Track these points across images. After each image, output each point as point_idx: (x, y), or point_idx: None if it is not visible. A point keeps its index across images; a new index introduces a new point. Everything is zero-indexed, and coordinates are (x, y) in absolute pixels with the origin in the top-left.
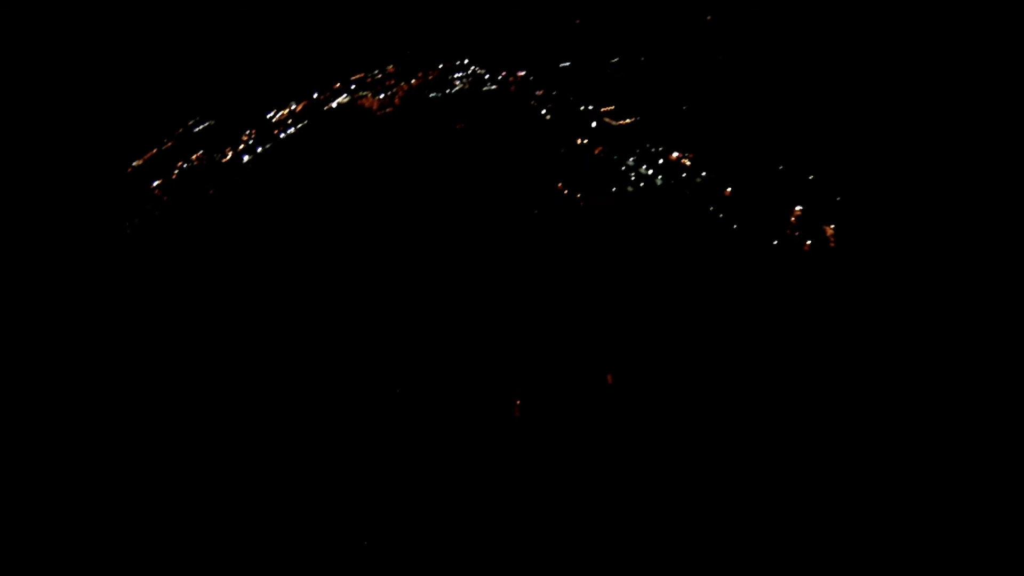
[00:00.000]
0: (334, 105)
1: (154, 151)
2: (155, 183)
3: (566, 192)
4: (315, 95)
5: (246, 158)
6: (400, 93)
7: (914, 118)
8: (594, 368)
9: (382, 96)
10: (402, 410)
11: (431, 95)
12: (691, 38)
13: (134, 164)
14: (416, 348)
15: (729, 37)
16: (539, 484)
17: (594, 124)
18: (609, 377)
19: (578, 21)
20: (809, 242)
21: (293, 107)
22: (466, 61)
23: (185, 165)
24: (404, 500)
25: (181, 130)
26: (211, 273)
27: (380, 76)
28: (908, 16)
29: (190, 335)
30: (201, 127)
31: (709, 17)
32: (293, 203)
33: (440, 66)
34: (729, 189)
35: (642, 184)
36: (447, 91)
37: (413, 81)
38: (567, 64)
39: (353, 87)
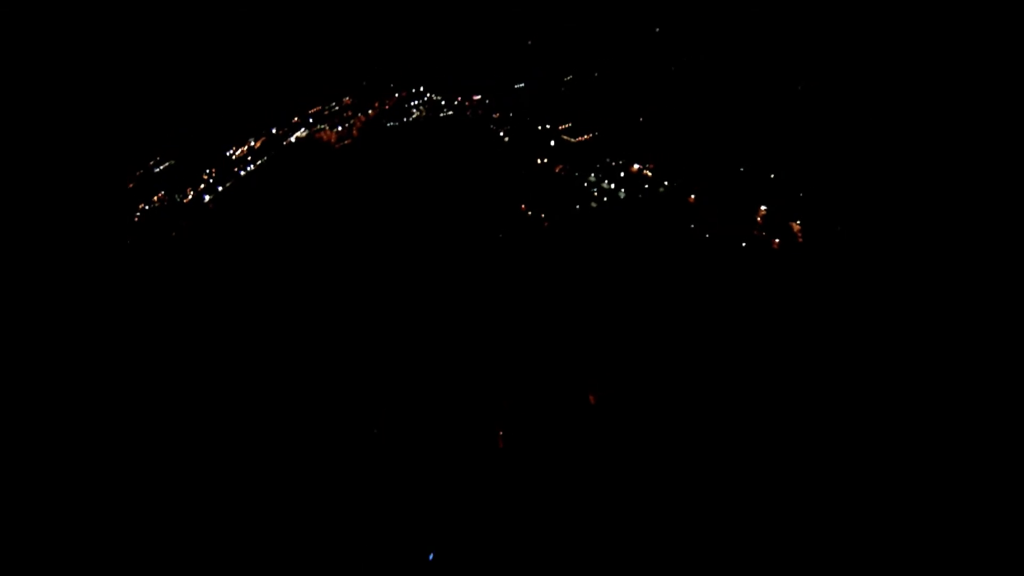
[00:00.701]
0: (293, 140)
1: (116, 193)
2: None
3: (530, 213)
4: (274, 130)
5: (207, 198)
6: (358, 124)
7: (868, 111)
8: (575, 387)
9: (340, 128)
10: (381, 449)
11: (389, 124)
12: (642, 51)
13: (95, 208)
14: (390, 381)
15: (678, 47)
16: (525, 516)
17: (553, 143)
18: (592, 397)
19: (530, 42)
20: (778, 240)
21: (252, 143)
22: (422, 88)
23: (147, 207)
24: (391, 531)
25: (141, 171)
26: (174, 315)
27: (337, 108)
28: (851, 16)
29: (159, 371)
30: (161, 167)
31: (658, 29)
32: (256, 242)
33: (396, 95)
34: (693, 196)
35: (606, 199)
36: (404, 119)
37: (370, 112)
38: (521, 85)
39: (311, 120)
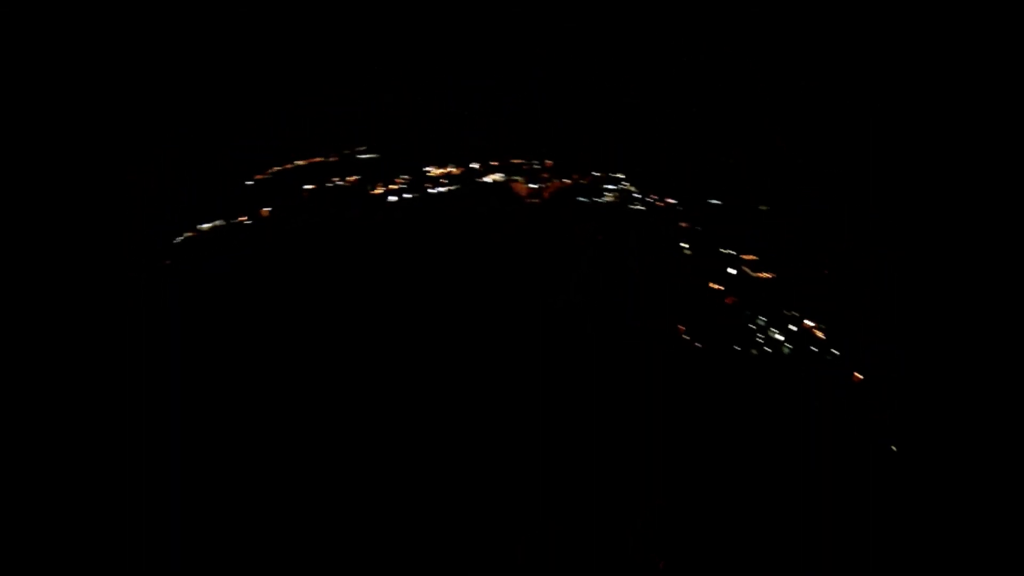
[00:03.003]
0: (488, 180)
1: (318, 159)
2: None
3: (686, 337)
4: (472, 164)
5: (391, 198)
6: (551, 188)
7: None
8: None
9: (534, 186)
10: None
11: (579, 199)
12: (844, 195)
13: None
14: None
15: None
16: None
17: (732, 271)
18: (661, 563)
19: (731, 160)
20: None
21: (451, 169)
22: (620, 175)
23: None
24: None
25: (347, 151)
26: (304, 302)
27: (537, 167)
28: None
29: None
30: (364, 156)
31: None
32: (412, 261)
33: (594, 173)
34: (859, 375)
35: (767, 348)
36: (595, 199)
37: (566, 180)
38: (717, 202)
39: (509, 170)
